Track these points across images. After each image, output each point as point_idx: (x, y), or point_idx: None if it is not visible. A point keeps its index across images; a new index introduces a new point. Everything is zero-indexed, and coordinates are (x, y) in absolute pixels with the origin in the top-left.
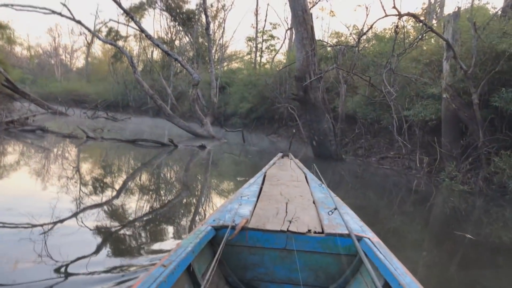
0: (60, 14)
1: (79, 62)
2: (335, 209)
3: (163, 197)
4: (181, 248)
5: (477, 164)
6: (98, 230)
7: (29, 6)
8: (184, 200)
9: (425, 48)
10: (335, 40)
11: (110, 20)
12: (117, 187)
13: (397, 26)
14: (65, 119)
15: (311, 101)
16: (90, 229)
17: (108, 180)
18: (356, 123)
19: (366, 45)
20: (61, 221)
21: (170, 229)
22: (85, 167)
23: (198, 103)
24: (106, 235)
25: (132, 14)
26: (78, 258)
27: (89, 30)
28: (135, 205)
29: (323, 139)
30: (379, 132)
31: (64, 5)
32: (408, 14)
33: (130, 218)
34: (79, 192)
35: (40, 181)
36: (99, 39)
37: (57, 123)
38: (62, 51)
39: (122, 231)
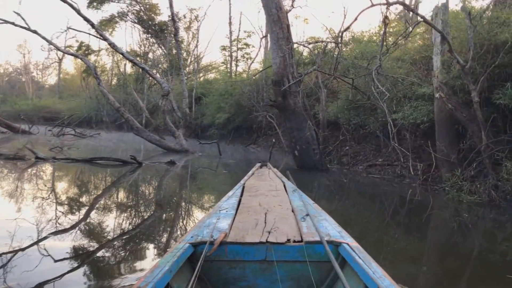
0: (13, 23)
1: (52, 79)
2: (307, 215)
3: (131, 222)
4: (158, 268)
5: (482, 170)
6: (71, 254)
7: None
8: (156, 222)
9: (409, 46)
10: (311, 46)
11: (68, 31)
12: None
13: (386, 17)
14: (29, 137)
15: (291, 107)
16: (61, 254)
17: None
18: (339, 129)
19: (344, 49)
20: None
21: (148, 246)
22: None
23: (172, 115)
24: (79, 259)
25: (92, 21)
26: (55, 279)
27: (46, 39)
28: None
29: (306, 148)
30: (365, 138)
31: (18, 14)
32: (398, 2)
33: (103, 241)
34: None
35: None
36: (58, 49)
37: (16, 143)
38: (33, 68)
39: (96, 254)
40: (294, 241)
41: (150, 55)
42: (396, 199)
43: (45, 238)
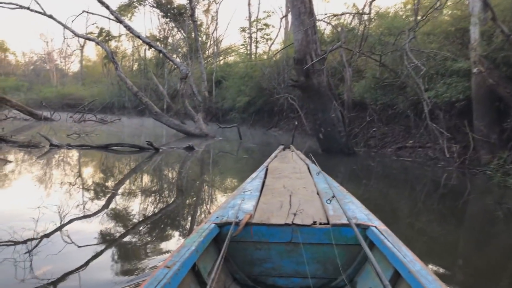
0: (28, 8)
1: (75, 66)
2: (333, 197)
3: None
4: (184, 247)
5: None
6: (98, 237)
7: None
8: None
9: (440, 19)
10: (334, 22)
11: (89, 18)
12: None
13: None
14: (50, 124)
15: (315, 87)
16: (89, 238)
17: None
18: (365, 110)
19: (369, 25)
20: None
21: (172, 230)
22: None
23: (192, 99)
24: (107, 241)
25: (106, 3)
26: (82, 265)
27: (61, 24)
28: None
29: (331, 131)
30: (393, 118)
31: None
32: None
33: (128, 225)
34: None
35: None
36: (74, 33)
37: (37, 130)
38: (57, 56)
39: (123, 236)
40: (320, 224)
41: (170, 40)
42: (429, 184)
43: (67, 223)
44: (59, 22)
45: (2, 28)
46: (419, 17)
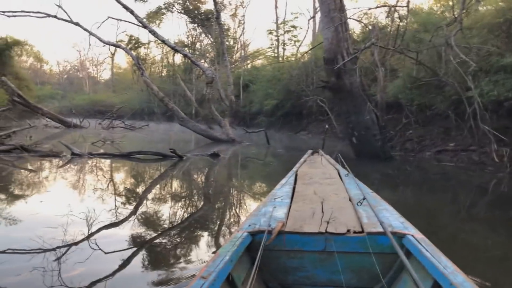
0: (55, 16)
1: (106, 74)
2: (364, 199)
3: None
4: (219, 257)
5: None
6: (130, 246)
7: (21, 11)
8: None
9: (482, 12)
10: (365, 21)
11: (119, 27)
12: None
13: None
14: (80, 131)
15: (347, 87)
16: (120, 247)
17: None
18: (399, 112)
19: (401, 23)
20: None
21: (204, 238)
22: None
23: (220, 104)
24: (139, 252)
25: (130, 8)
26: (112, 274)
27: (87, 31)
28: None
29: (365, 134)
30: (431, 120)
31: (59, 6)
32: None
33: (157, 234)
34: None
35: None
36: (99, 39)
37: (67, 137)
38: (89, 64)
39: (155, 246)
40: (355, 232)
41: (198, 46)
42: (474, 190)
43: (95, 232)
44: (85, 29)
45: (38, 39)
46: (458, 11)
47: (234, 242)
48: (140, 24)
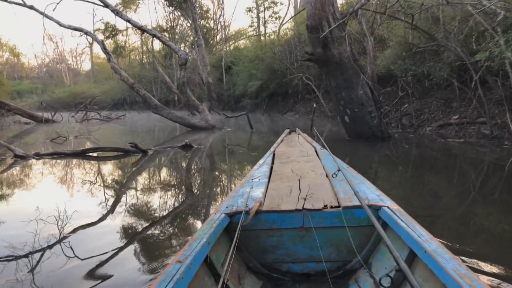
0: (5, 0)
1: (86, 64)
2: (338, 170)
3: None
4: (196, 240)
5: None
6: (110, 235)
7: None
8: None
9: None
10: None
11: (95, 15)
12: None
13: None
14: (52, 126)
15: (335, 59)
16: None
17: None
18: (392, 84)
19: None
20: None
21: (184, 222)
22: None
23: (202, 88)
24: (120, 239)
25: None
26: (95, 266)
27: (44, 14)
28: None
29: (359, 112)
30: (428, 91)
31: None
32: None
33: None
34: None
35: None
36: (58, 23)
37: (35, 134)
38: (68, 56)
39: (134, 235)
40: (331, 207)
41: (178, 30)
42: (487, 169)
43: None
44: (41, 12)
45: (13, 33)
46: None
47: (211, 224)
48: (102, 4)
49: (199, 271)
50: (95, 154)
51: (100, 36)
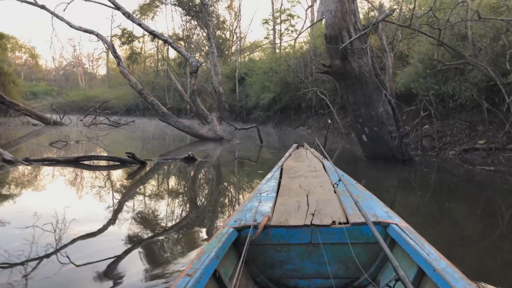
0: None
1: (103, 69)
2: (339, 180)
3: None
4: (204, 254)
5: None
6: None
7: None
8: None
9: None
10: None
11: (113, 21)
12: None
13: None
14: (59, 129)
15: (354, 72)
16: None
17: None
18: (410, 104)
19: (411, 5)
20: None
21: (192, 235)
22: None
23: (214, 98)
24: (127, 249)
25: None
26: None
27: (52, 13)
28: None
29: (379, 131)
30: (450, 113)
31: None
32: None
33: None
34: None
35: None
36: (69, 24)
37: (44, 136)
38: (86, 60)
39: (140, 245)
40: (340, 223)
41: (194, 39)
42: None
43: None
44: (51, 12)
45: (34, 35)
46: None
47: (220, 238)
48: (114, 6)
49: (208, 285)
50: (89, 163)
51: (117, 42)
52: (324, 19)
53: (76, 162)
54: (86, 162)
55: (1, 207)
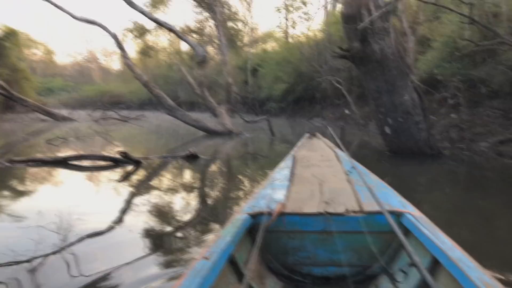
0: None
1: (117, 64)
2: (353, 168)
3: None
4: (220, 239)
5: None
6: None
7: None
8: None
9: None
10: None
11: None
12: None
13: None
14: (70, 124)
15: (376, 55)
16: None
17: None
18: (432, 92)
19: None
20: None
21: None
22: None
23: (227, 90)
24: (143, 237)
25: None
26: (121, 264)
27: (55, 5)
28: None
29: (403, 122)
30: (478, 100)
31: None
32: None
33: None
34: None
35: None
36: (72, 16)
37: (52, 131)
38: (100, 55)
39: (159, 231)
40: (353, 212)
41: (207, 31)
42: None
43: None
44: (52, 3)
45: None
46: None
47: (235, 224)
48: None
49: (224, 269)
50: (79, 163)
51: (130, 36)
52: None
53: (64, 163)
54: (75, 163)
55: None
